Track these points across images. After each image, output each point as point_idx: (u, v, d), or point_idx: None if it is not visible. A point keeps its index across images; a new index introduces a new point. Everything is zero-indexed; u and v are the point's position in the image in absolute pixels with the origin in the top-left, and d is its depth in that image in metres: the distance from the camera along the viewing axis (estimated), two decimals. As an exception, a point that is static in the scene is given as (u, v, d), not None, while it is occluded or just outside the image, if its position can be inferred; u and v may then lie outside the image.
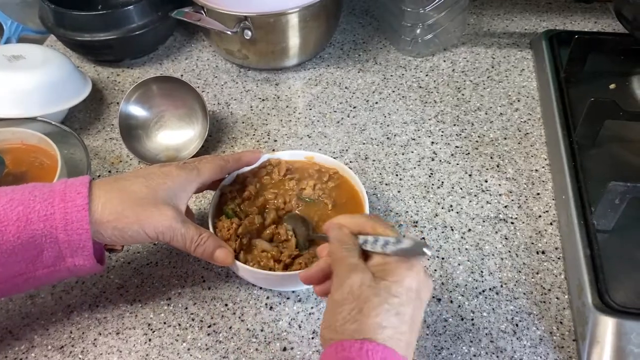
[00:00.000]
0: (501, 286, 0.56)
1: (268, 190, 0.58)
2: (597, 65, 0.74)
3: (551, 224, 0.61)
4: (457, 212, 0.63)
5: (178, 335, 0.54)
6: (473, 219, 0.62)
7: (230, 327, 0.54)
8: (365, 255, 0.44)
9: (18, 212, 0.45)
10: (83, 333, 0.54)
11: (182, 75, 0.82)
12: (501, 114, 0.74)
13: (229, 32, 0.73)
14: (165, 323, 0.55)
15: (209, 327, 0.54)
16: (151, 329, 0.54)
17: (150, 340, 0.54)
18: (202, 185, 0.55)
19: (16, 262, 0.46)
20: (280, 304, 0.56)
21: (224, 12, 0.72)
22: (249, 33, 0.73)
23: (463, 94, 0.77)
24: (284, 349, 0.53)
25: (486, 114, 0.74)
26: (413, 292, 0.41)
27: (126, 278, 0.59)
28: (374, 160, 0.69)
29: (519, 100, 0.75)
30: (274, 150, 0.70)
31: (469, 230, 0.61)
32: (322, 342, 0.43)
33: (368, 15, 0.92)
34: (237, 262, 0.52)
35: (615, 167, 0.64)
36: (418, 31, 0.82)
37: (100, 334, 0.54)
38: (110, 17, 0.79)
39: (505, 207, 0.63)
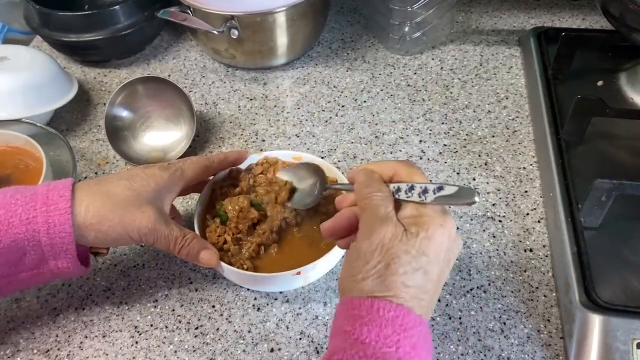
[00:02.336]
0: (489, 284, 0.56)
1: (262, 186, 0.57)
2: (585, 62, 0.74)
3: (539, 221, 0.61)
4: (445, 211, 0.63)
5: (165, 337, 0.54)
6: (461, 217, 0.62)
7: (217, 329, 0.54)
8: (396, 204, 0.42)
9: (0, 216, 0.45)
10: (69, 336, 0.54)
11: (169, 75, 0.81)
12: (489, 111, 0.74)
13: (215, 32, 0.72)
14: (152, 325, 0.55)
15: (196, 329, 0.54)
16: (138, 332, 0.54)
17: (137, 342, 0.53)
18: (187, 187, 0.54)
19: (1, 265, 0.46)
20: (267, 304, 0.56)
21: (210, 12, 0.72)
22: (236, 32, 0.73)
23: (451, 92, 0.77)
24: (272, 350, 0.52)
25: (474, 111, 0.74)
26: (443, 251, 0.40)
27: (112, 280, 0.58)
28: (362, 160, 0.69)
29: (507, 98, 0.75)
30: (261, 150, 0.70)
31: (457, 228, 0.61)
32: (340, 291, 0.42)
33: (356, 13, 0.91)
34: (223, 264, 0.51)
35: (602, 164, 0.64)
36: (406, 29, 0.81)
37: (86, 337, 0.54)
38: (96, 17, 0.78)
39: (493, 205, 0.63)
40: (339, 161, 0.69)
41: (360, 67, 0.81)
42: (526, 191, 0.64)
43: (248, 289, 0.57)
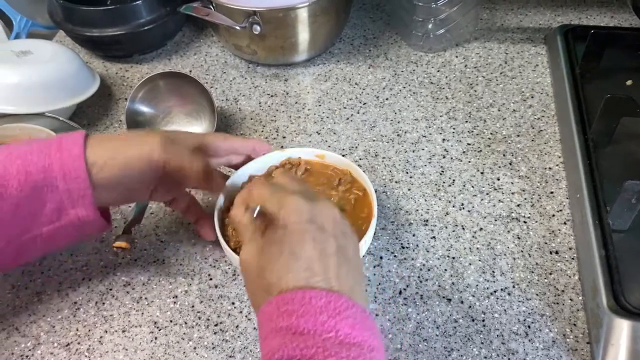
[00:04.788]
0: (513, 287, 0.55)
1: None
2: (614, 61, 0.72)
3: (565, 223, 0.60)
4: (469, 211, 0.62)
5: (184, 333, 0.53)
6: (485, 217, 0.61)
7: (237, 326, 0.54)
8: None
9: (17, 166, 0.46)
10: (89, 330, 0.54)
11: (190, 71, 0.81)
12: (514, 110, 0.72)
13: (237, 27, 0.72)
14: (171, 321, 0.54)
15: (216, 325, 0.54)
16: (157, 327, 0.54)
17: (156, 338, 0.53)
18: (202, 147, 0.54)
19: (21, 218, 0.47)
20: (287, 303, 0.55)
21: (232, 7, 0.72)
22: (258, 28, 0.72)
23: (475, 90, 0.75)
24: (291, 349, 0.52)
25: (499, 110, 0.72)
26: (294, 227, 0.40)
27: (132, 275, 0.58)
28: (383, 158, 0.68)
29: (532, 97, 0.74)
30: (282, 147, 0.69)
31: (481, 229, 0.60)
32: (253, 302, 0.42)
33: (379, 9, 0.90)
34: (232, 253, 0.51)
35: (631, 165, 0.62)
36: (430, 26, 0.80)
37: (106, 332, 0.54)
38: (118, 12, 0.78)
39: (518, 205, 0.62)
40: (360, 159, 0.68)
41: (382, 64, 0.80)
42: (552, 192, 0.63)
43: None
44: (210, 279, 0.57)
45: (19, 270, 0.59)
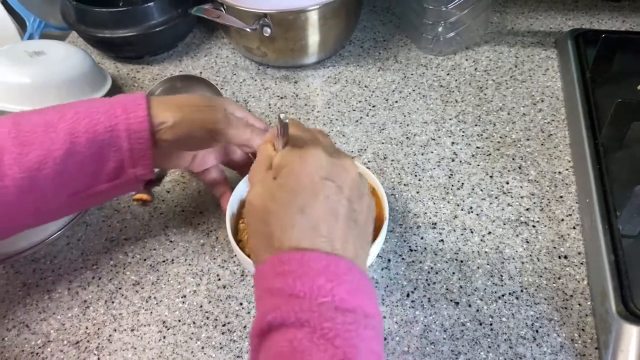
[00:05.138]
0: (521, 291, 0.55)
1: None
2: (625, 65, 0.72)
3: (574, 227, 0.60)
4: (477, 215, 0.62)
5: (192, 333, 0.54)
6: (493, 221, 0.61)
7: (244, 327, 0.54)
8: None
9: (85, 124, 0.47)
10: (98, 329, 0.55)
11: (200, 73, 0.82)
12: (524, 114, 0.72)
13: (248, 29, 0.72)
14: (179, 321, 0.55)
15: (224, 325, 0.54)
16: (166, 327, 0.54)
17: (164, 337, 0.54)
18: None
19: (86, 175, 0.49)
20: (295, 304, 0.55)
21: (243, 9, 0.72)
22: (268, 30, 0.73)
23: (485, 94, 0.75)
24: (299, 350, 0.52)
25: (509, 114, 0.72)
26: (309, 179, 0.40)
27: (142, 275, 0.59)
28: (392, 160, 0.68)
29: (542, 101, 0.74)
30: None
31: (489, 233, 0.60)
32: (253, 256, 0.42)
33: (389, 12, 0.90)
34: (246, 258, 0.51)
35: (642, 170, 0.62)
36: (440, 29, 0.80)
37: (115, 330, 0.54)
38: (130, 13, 0.79)
39: (527, 209, 0.62)
40: (369, 161, 0.68)
41: (392, 67, 0.80)
42: (561, 196, 0.63)
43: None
44: (219, 279, 0.58)
45: (30, 268, 0.60)
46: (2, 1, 0.85)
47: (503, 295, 0.55)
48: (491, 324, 0.53)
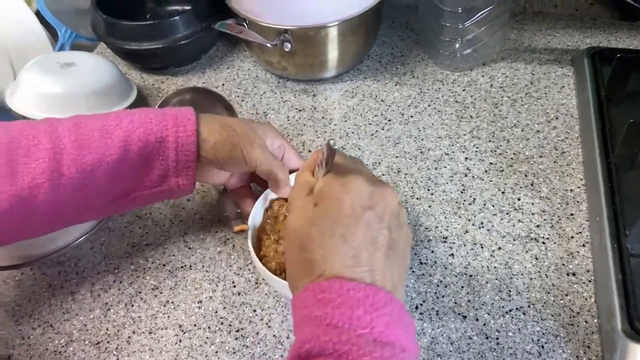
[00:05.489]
0: (528, 306, 0.56)
1: None
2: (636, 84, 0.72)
3: (584, 245, 0.61)
4: (488, 230, 0.63)
5: (207, 337, 0.56)
6: (504, 237, 0.62)
7: (257, 333, 0.56)
8: None
9: (139, 133, 0.51)
10: (118, 331, 0.57)
11: (222, 84, 0.84)
12: (538, 131, 0.73)
13: (268, 45, 0.75)
14: (195, 325, 0.57)
15: (237, 331, 0.56)
16: (182, 330, 0.57)
17: (180, 341, 0.56)
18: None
19: (132, 179, 0.52)
20: (306, 312, 0.57)
21: (264, 25, 0.74)
22: (289, 45, 0.75)
23: (500, 110, 0.76)
24: (308, 357, 0.54)
25: (522, 130, 0.73)
26: (350, 208, 0.41)
27: (161, 280, 0.61)
28: (406, 174, 0.69)
29: (557, 118, 0.75)
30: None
31: (499, 248, 0.61)
32: (291, 283, 0.43)
33: (408, 28, 0.92)
34: (272, 276, 0.52)
35: (653, 190, 0.62)
36: (457, 46, 0.82)
37: (134, 332, 0.57)
38: (157, 27, 0.82)
39: (537, 226, 0.63)
40: (382, 175, 0.69)
41: (408, 82, 0.82)
42: (572, 214, 0.64)
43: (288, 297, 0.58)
44: (234, 286, 0.60)
45: (55, 270, 0.63)
46: (35, 12, 0.89)
47: (510, 310, 0.56)
48: (497, 338, 0.54)
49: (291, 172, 0.58)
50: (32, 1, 0.91)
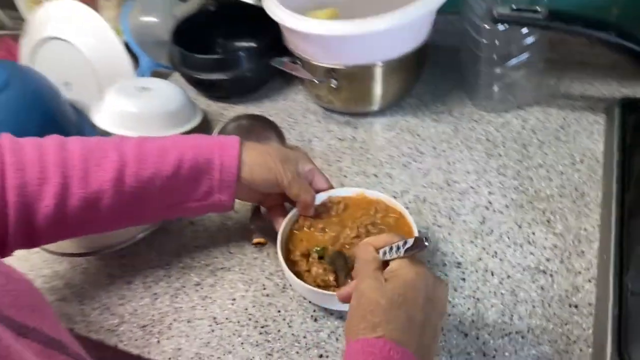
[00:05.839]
0: (528, 331, 0.60)
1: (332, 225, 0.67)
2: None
3: (589, 281, 0.64)
4: (500, 260, 0.68)
5: (236, 330, 0.64)
6: (514, 267, 0.67)
7: (278, 330, 0.63)
8: (386, 264, 0.52)
9: (191, 154, 0.62)
10: (162, 317, 0.66)
11: (277, 113, 0.94)
12: (562, 172, 0.77)
13: (316, 81, 0.84)
14: (227, 319, 0.65)
15: (262, 327, 0.64)
16: (215, 322, 0.65)
17: (213, 331, 0.64)
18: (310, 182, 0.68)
19: (183, 193, 0.63)
20: (324, 317, 0.64)
21: (314, 64, 0.84)
22: (335, 82, 0.84)
23: (528, 151, 0.81)
24: (320, 356, 0.61)
25: (547, 171, 0.78)
26: (417, 291, 0.49)
27: (203, 277, 0.70)
28: (431, 203, 0.76)
29: (582, 162, 0.78)
30: (342, 184, 0.79)
31: (508, 277, 0.66)
32: (347, 333, 0.50)
33: (451, 70, 0.98)
34: (298, 280, 0.61)
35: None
36: (495, 89, 0.88)
37: (175, 320, 0.66)
38: (223, 61, 0.94)
39: (547, 260, 0.67)
40: (409, 202, 0.76)
41: (445, 120, 0.89)
42: (583, 251, 0.67)
43: (309, 302, 0.66)
44: (264, 289, 0.68)
45: (116, 262, 0.73)
46: (124, 42, 1.04)
47: (510, 333, 0.60)
48: (494, 357, 0.58)
49: (317, 191, 0.66)
50: (121, 32, 1.06)
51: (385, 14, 0.77)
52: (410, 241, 0.50)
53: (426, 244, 0.49)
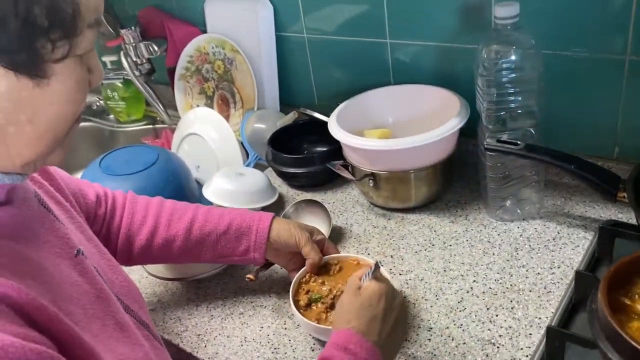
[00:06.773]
0: (462, 382, 0.79)
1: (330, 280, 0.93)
2: (624, 252, 0.90)
3: (527, 356, 0.81)
4: (463, 330, 0.87)
5: (256, 348, 0.90)
6: (471, 337, 0.85)
7: (285, 353, 0.88)
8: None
9: (238, 221, 0.92)
10: (212, 331, 0.95)
11: (334, 202, 1.23)
12: (539, 273, 0.95)
13: (354, 180, 1.12)
14: (253, 339, 0.92)
15: (275, 349, 0.90)
16: (245, 340, 0.92)
17: (241, 345, 0.91)
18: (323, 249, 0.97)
19: (229, 248, 0.92)
20: (319, 349, 0.88)
21: (358, 167, 1.12)
22: (372, 183, 1.11)
23: (518, 254, 1.00)
24: (308, 373, 0.84)
25: (527, 270, 0.96)
26: (379, 297, 0.73)
27: (246, 309, 0.98)
28: (426, 282, 0.97)
29: (559, 267, 0.95)
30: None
31: (464, 343, 0.85)
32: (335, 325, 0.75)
33: (479, 183, 1.21)
34: (299, 315, 0.87)
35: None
36: (507, 203, 1.08)
37: (219, 334, 0.94)
38: (302, 159, 1.27)
39: (500, 335, 0.85)
40: (410, 279, 0.98)
41: (460, 222, 1.10)
42: (531, 334, 0.84)
43: (311, 337, 0.90)
44: (285, 324, 0.94)
45: (193, 288, 1.04)
46: (239, 141, 1.42)
47: (448, 382, 0.79)
48: (430, 395, 0.78)
49: (326, 254, 0.94)
50: (238, 135, 1.44)
51: (410, 137, 1.04)
52: (373, 267, 0.76)
53: (380, 265, 0.77)
